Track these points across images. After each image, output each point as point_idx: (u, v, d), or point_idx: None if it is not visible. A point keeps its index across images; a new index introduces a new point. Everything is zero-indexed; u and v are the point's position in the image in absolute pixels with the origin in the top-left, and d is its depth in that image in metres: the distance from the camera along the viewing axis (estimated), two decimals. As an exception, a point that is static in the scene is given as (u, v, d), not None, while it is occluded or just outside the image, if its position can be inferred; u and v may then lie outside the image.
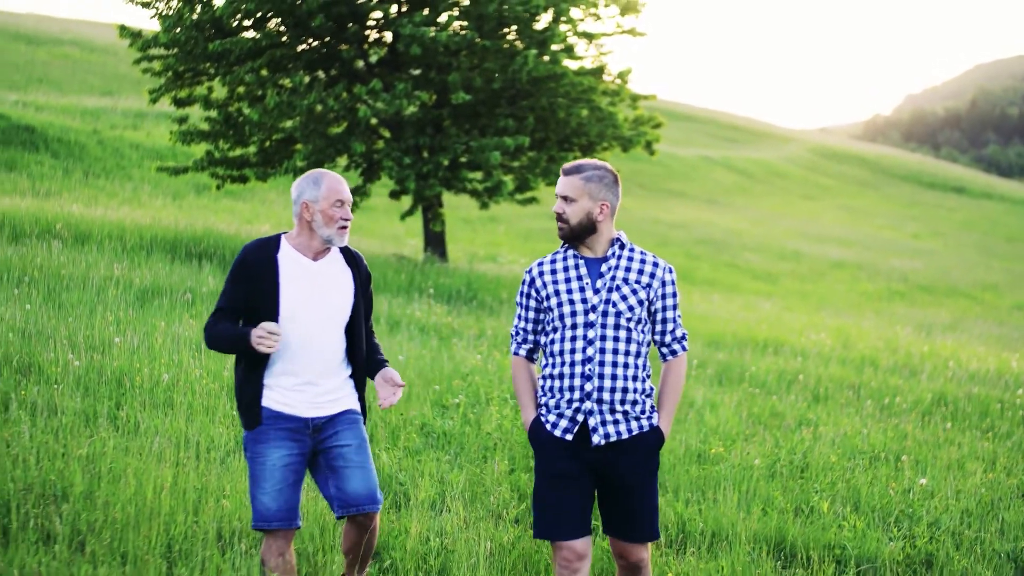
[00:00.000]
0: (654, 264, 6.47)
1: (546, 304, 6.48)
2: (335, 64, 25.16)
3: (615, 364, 6.33)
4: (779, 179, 78.53)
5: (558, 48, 24.64)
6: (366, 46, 25.49)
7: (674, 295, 6.54)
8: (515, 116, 25.14)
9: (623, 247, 6.49)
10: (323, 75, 25.33)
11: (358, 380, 6.71)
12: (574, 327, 6.37)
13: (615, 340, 6.35)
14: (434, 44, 22.99)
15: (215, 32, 23.61)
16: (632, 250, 6.49)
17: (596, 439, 6.33)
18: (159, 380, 10.65)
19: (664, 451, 10.88)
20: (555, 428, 6.40)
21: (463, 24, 24.32)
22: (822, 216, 65.60)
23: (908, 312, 34.78)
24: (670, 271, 6.52)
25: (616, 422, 6.36)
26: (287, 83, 23.69)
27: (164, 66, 24.41)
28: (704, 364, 16.56)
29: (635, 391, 6.37)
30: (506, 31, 24.74)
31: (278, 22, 23.99)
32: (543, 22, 24.61)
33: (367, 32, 25.09)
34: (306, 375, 6.46)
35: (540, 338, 6.61)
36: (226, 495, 8.06)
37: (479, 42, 23.76)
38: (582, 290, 6.39)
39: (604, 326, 6.35)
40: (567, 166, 6.46)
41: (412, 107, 24.13)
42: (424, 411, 11.17)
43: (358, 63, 25.55)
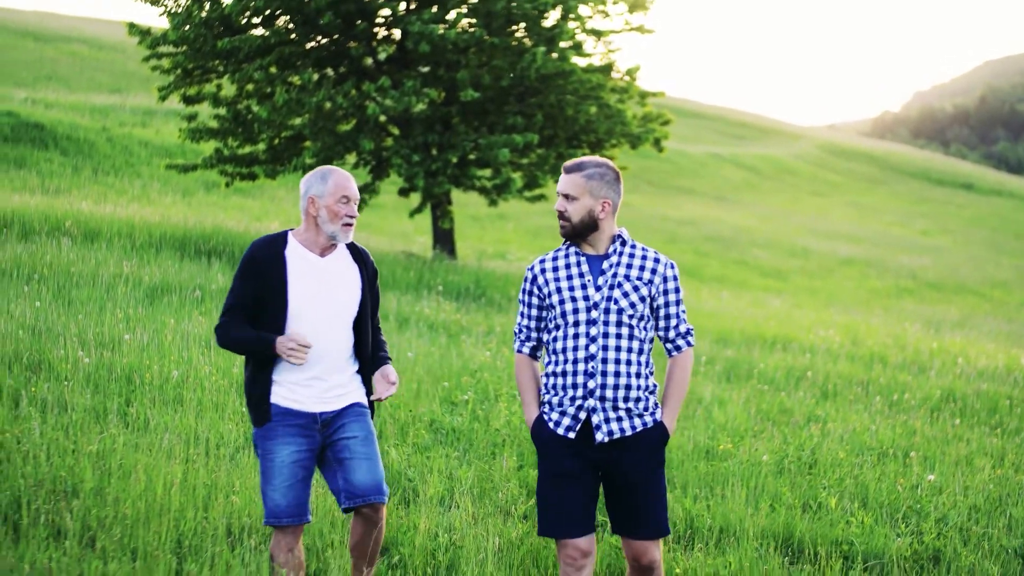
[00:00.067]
0: (655, 260, 6.47)
1: (548, 302, 6.48)
2: (344, 61, 25.18)
3: (618, 361, 6.34)
4: (788, 176, 78.48)
5: (567, 45, 24.64)
6: (375, 43, 25.51)
7: (677, 291, 6.53)
8: (524, 113, 25.15)
9: (625, 244, 6.49)
10: (332, 72, 25.36)
11: (365, 375, 6.72)
12: (576, 324, 6.37)
13: (617, 337, 6.35)
14: (443, 41, 23.01)
15: (224, 30, 23.64)
16: (634, 247, 6.49)
17: (599, 436, 6.34)
18: (169, 377, 10.68)
19: (672, 447, 10.89)
20: (558, 426, 6.41)
21: (472, 21, 24.32)
22: (831, 213, 65.55)
23: (917, 309, 34.77)
24: (672, 267, 6.52)
25: (619, 419, 6.37)
26: (296, 80, 23.72)
27: (173, 64, 24.45)
28: (713, 361, 16.57)
29: (638, 388, 6.38)
30: (515, 28, 24.76)
31: (287, 20, 24.02)
32: (551, 19, 24.64)
33: (376, 30, 25.09)
34: (314, 370, 6.48)
35: (543, 335, 6.60)
36: (235, 491, 8.09)
37: (488, 39, 23.76)
38: (584, 287, 6.39)
39: (606, 323, 6.35)
40: (568, 164, 6.45)
41: (421, 104, 24.13)
42: (433, 408, 11.19)
43: (367, 60, 25.58)
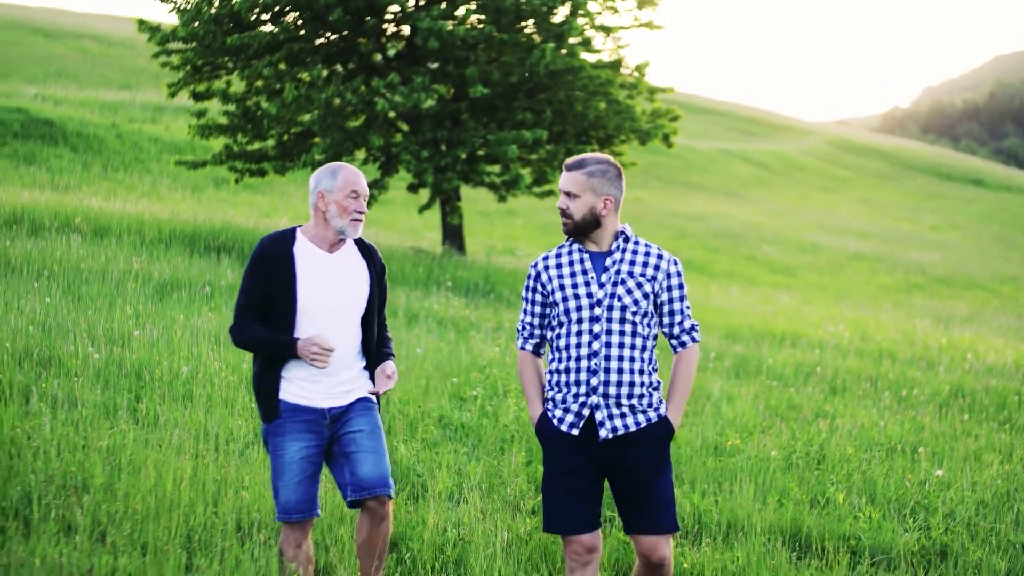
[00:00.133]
0: (659, 256, 6.47)
1: (551, 299, 6.47)
2: (353, 58, 25.19)
3: (621, 358, 6.33)
4: (797, 172, 78.41)
5: (575, 41, 24.66)
6: (384, 40, 25.52)
7: (680, 286, 6.52)
8: (533, 109, 25.16)
9: (628, 240, 6.48)
10: (341, 69, 25.37)
11: (370, 371, 6.74)
12: (579, 321, 6.37)
13: (621, 334, 6.34)
14: (452, 38, 23.03)
15: (233, 26, 23.67)
16: (637, 243, 6.49)
17: (603, 433, 6.34)
18: (178, 373, 10.70)
19: (681, 443, 10.90)
20: (561, 423, 6.41)
21: (481, 18, 24.33)
22: (840, 208, 65.48)
23: (926, 304, 34.74)
24: (675, 263, 6.51)
25: (623, 415, 6.36)
26: (305, 77, 23.73)
27: (182, 60, 24.49)
28: (721, 357, 16.57)
29: (642, 384, 6.37)
30: (524, 24, 24.77)
31: (296, 16, 24.05)
32: (560, 15, 24.64)
33: (385, 26, 25.12)
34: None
35: (546, 332, 6.60)
36: (245, 486, 8.12)
37: (497, 36, 23.77)
38: (587, 284, 6.39)
39: (610, 320, 6.34)
40: (569, 161, 6.44)
41: (430, 100, 24.16)
42: (442, 403, 11.21)
43: (376, 57, 25.60)
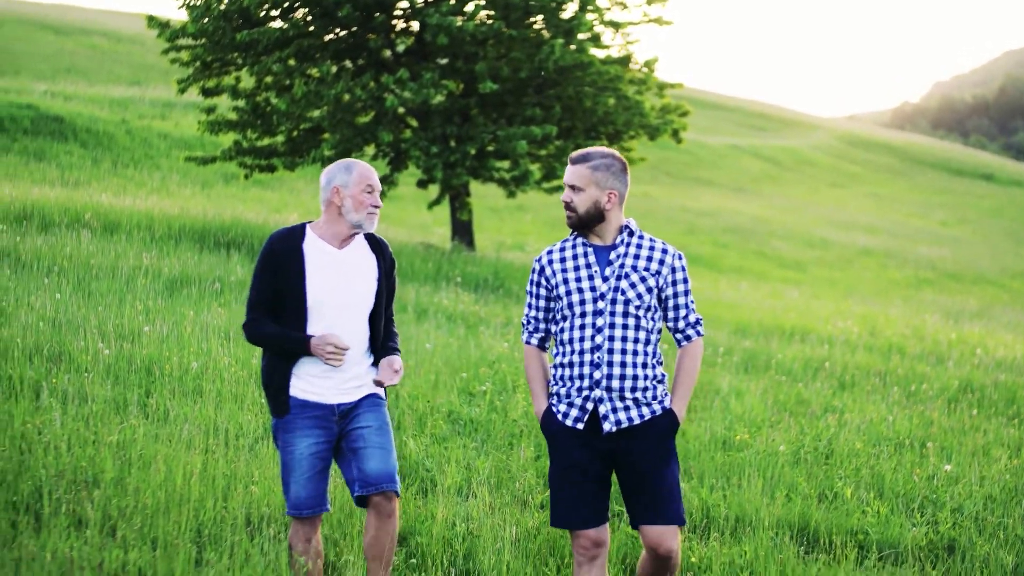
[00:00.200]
0: (663, 251, 6.48)
1: (555, 292, 6.48)
2: (362, 54, 25.21)
3: (624, 352, 6.34)
4: (807, 167, 78.30)
5: (585, 37, 24.67)
6: (393, 36, 25.54)
7: (685, 281, 6.53)
8: (542, 105, 25.16)
9: (632, 234, 6.49)
10: (350, 65, 25.39)
11: (378, 364, 6.75)
12: (583, 315, 6.39)
13: (624, 328, 6.36)
14: (461, 33, 23.05)
15: (243, 22, 23.69)
16: (641, 237, 6.50)
17: (607, 426, 6.35)
18: (188, 368, 10.73)
19: (690, 438, 10.93)
20: (566, 418, 6.42)
21: (490, 13, 24.34)
22: (850, 204, 65.39)
23: (936, 299, 34.70)
24: (679, 257, 6.52)
25: (627, 408, 6.37)
26: (315, 73, 23.76)
27: (192, 56, 24.51)
28: (730, 352, 16.57)
29: (645, 378, 6.38)
30: (533, 20, 24.77)
31: (305, 12, 24.06)
32: (569, 11, 24.64)
33: (394, 22, 25.13)
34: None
35: (551, 326, 6.62)
36: (255, 481, 8.14)
37: (506, 31, 23.78)
38: (591, 278, 6.40)
39: (613, 314, 6.35)
40: (574, 155, 6.46)
41: (439, 96, 24.17)
42: (451, 399, 11.22)
43: (385, 53, 25.60)
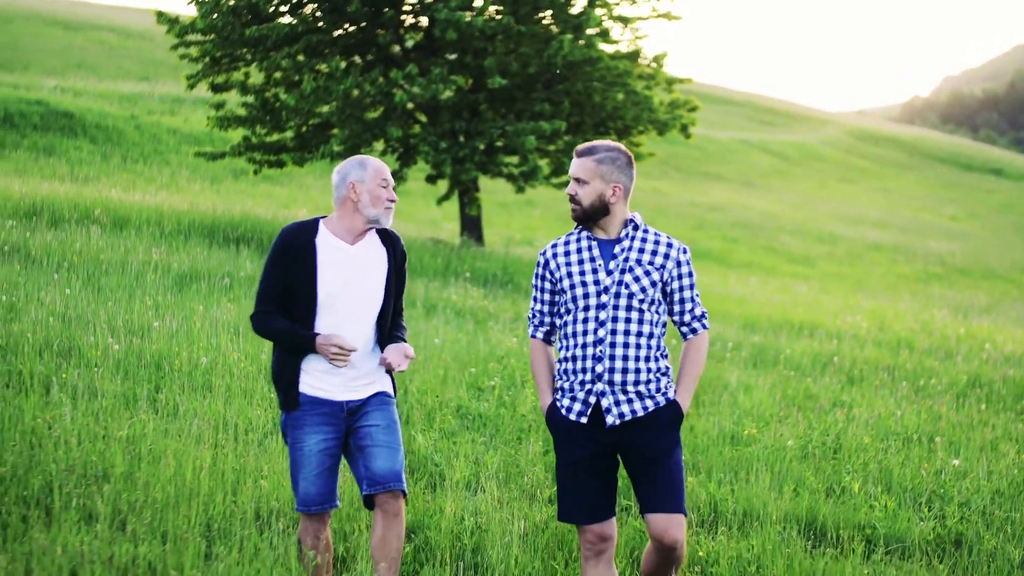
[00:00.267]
0: (668, 245, 6.49)
1: (560, 286, 6.50)
2: (371, 49, 25.23)
3: (627, 345, 6.35)
4: (816, 162, 78.21)
5: (593, 32, 24.66)
6: (402, 31, 25.56)
7: (690, 275, 6.53)
8: (551, 100, 25.17)
9: (637, 228, 6.50)
10: (359, 60, 25.41)
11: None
12: (586, 309, 6.39)
13: (627, 322, 6.36)
14: (470, 29, 23.05)
15: (252, 18, 23.71)
16: (646, 231, 6.51)
17: (610, 420, 6.36)
18: (198, 363, 10.76)
19: (698, 432, 10.93)
20: (569, 412, 6.44)
21: (499, 9, 24.33)
22: (859, 199, 65.32)
23: (945, 294, 34.68)
24: (684, 251, 6.53)
25: (629, 401, 6.37)
26: (323, 68, 23.78)
27: (201, 52, 24.54)
28: (739, 346, 16.56)
29: (648, 371, 6.39)
30: (542, 15, 24.78)
31: (314, 7, 24.09)
32: (578, 6, 24.65)
33: (403, 17, 25.14)
34: (342, 357, 6.51)
35: (556, 320, 6.63)
36: (264, 476, 8.17)
37: (515, 27, 23.77)
38: (595, 272, 6.41)
39: (616, 308, 6.36)
40: (580, 148, 6.47)
41: (448, 92, 24.17)
42: (460, 393, 11.24)
43: (394, 48, 25.61)
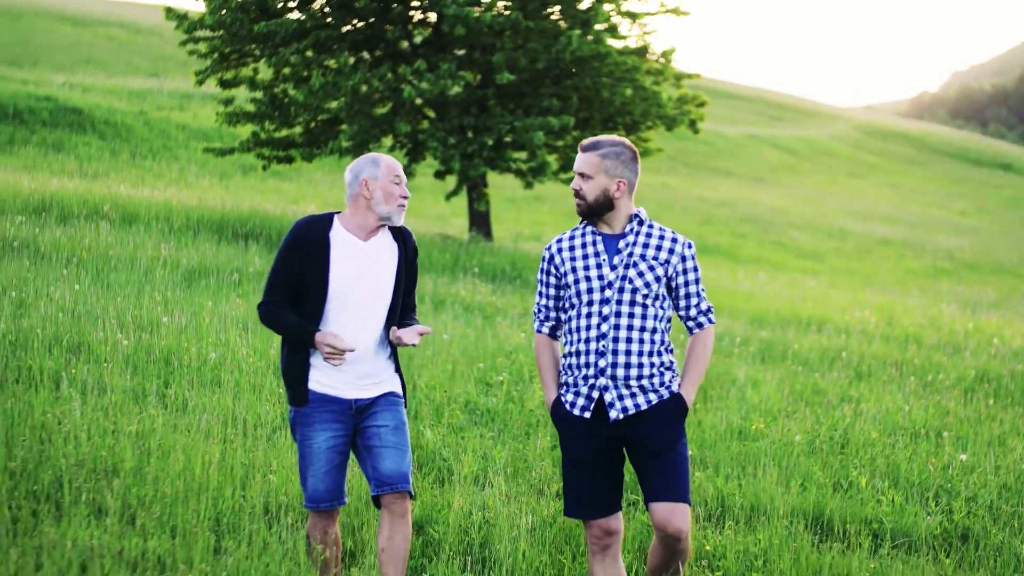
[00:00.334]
0: (672, 240, 6.51)
1: (564, 281, 6.52)
2: (380, 45, 25.22)
3: (630, 340, 6.37)
4: (825, 157, 78.11)
5: (602, 28, 24.63)
6: (410, 27, 25.54)
7: (695, 269, 6.56)
8: (559, 96, 25.16)
9: (642, 223, 6.52)
10: (368, 56, 25.39)
11: (398, 359, 6.79)
12: (590, 303, 6.42)
13: (630, 316, 6.38)
14: (478, 24, 23.05)
15: (260, 14, 23.72)
16: (651, 226, 6.53)
17: (613, 414, 6.38)
18: (207, 359, 10.79)
19: (705, 427, 10.94)
20: (573, 407, 6.47)
21: (507, 4, 24.32)
22: (868, 194, 65.24)
23: (953, 289, 34.61)
24: (689, 246, 6.55)
25: (633, 395, 6.40)
26: (332, 64, 23.78)
27: (210, 48, 24.57)
28: (747, 342, 16.56)
29: (651, 366, 6.41)
30: (550, 11, 24.77)
31: (323, 3, 24.10)
32: (586, 2, 24.63)
33: (411, 13, 25.12)
34: (351, 354, 6.55)
35: (561, 315, 6.65)
36: (273, 470, 8.20)
37: (523, 22, 23.76)
38: (599, 267, 6.43)
39: (620, 302, 6.39)
40: (585, 143, 6.50)
41: (456, 87, 24.19)
42: (468, 389, 11.26)
43: (403, 44, 25.62)
